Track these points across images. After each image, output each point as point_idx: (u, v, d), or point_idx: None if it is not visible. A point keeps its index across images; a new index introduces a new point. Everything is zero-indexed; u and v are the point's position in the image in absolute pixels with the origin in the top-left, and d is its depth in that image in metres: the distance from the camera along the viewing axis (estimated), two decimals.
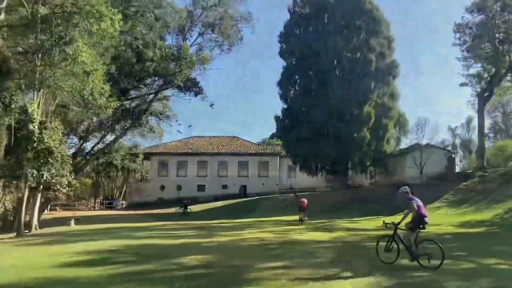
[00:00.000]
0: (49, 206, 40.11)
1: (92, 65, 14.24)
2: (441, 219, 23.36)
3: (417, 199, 8.12)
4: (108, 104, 17.13)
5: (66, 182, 16.18)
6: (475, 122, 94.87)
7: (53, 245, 12.67)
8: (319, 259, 9.35)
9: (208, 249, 11.27)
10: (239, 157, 50.87)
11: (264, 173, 50.65)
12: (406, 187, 8.52)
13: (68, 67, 14.01)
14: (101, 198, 59.74)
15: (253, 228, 19.83)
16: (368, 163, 37.25)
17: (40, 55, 14.70)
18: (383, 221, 9.00)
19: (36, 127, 15.43)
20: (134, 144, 36.48)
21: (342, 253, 10.14)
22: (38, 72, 14.71)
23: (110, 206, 52.15)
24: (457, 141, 73.85)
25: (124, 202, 53.97)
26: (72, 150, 27.45)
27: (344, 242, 12.63)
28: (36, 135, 15.07)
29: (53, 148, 15.05)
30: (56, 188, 15.91)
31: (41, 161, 14.90)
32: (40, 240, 14.68)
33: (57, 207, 41.41)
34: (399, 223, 8.25)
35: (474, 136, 79.35)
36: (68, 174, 16.53)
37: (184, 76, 25.24)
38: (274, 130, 47.36)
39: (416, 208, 7.90)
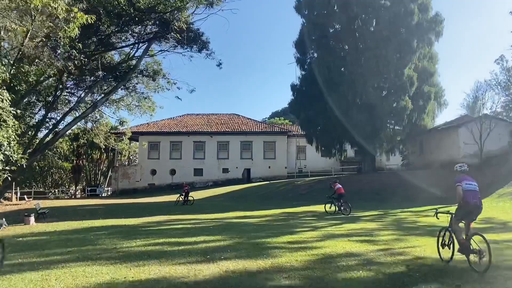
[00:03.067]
0: (17, 194, 33.11)
1: None
2: None
3: (471, 181, 6.45)
4: (72, 16, 10.32)
5: (0, 157, 9.52)
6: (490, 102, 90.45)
7: None
8: None
9: None
10: (242, 137, 44.34)
11: (271, 155, 44.22)
12: (464, 164, 6.79)
13: None
14: (83, 184, 52.79)
15: (296, 226, 13.52)
16: (398, 139, 31.17)
17: None
18: (436, 209, 7.62)
19: None
20: (120, 119, 29.60)
21: None
22: None
23: (93, 194, 45.33)
24: None
25: (109, 189, 47.21)
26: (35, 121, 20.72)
27: None
28: None
29: None
30: None
31: None
32: None
33: (25, 196, 34.18)
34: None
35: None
36: (8, 145, 9.87)
37: (187, 17, 18.46)
38: (275, 109, 40.99)
39: (461, 193, 6.33)
